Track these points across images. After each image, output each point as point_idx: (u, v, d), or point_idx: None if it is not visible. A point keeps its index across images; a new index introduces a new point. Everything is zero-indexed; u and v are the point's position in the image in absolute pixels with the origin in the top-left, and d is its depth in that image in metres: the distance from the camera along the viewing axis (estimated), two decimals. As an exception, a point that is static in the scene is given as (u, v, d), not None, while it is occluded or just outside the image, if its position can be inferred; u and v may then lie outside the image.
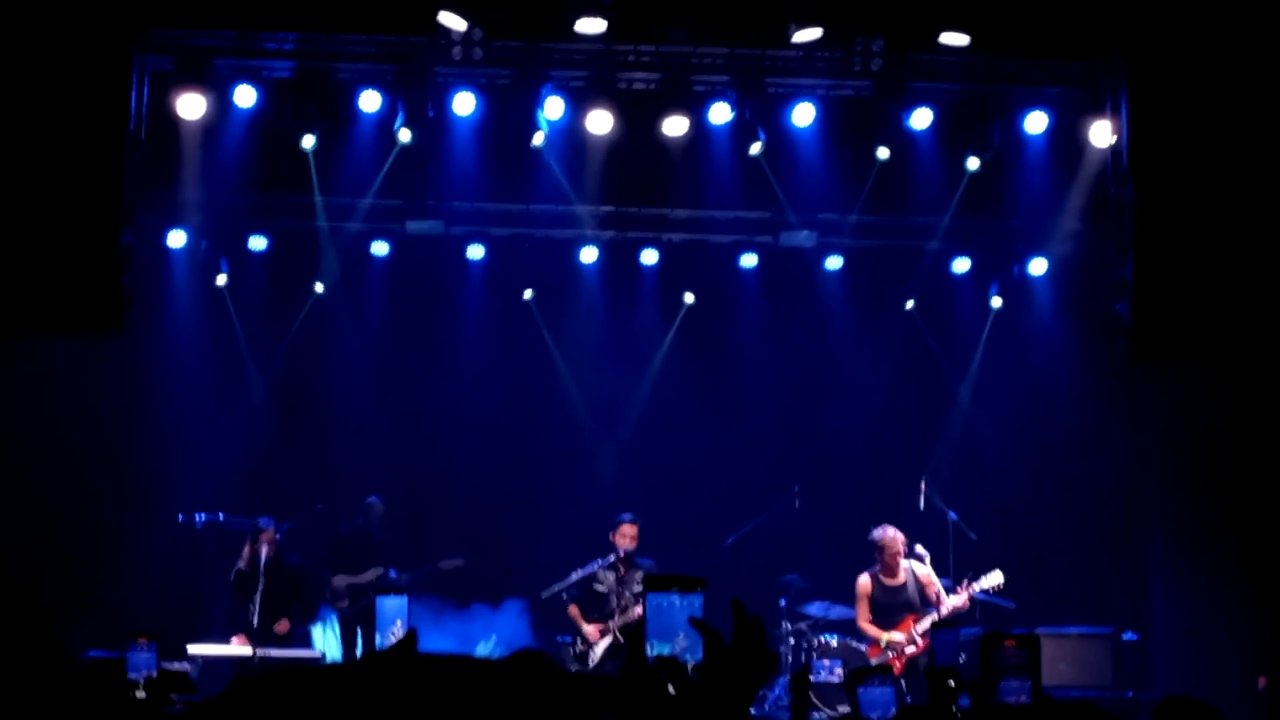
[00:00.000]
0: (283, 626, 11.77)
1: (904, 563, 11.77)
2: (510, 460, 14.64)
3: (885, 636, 11.57)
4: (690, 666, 2.61)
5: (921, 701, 11.12)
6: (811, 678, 11.07)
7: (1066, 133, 12.71)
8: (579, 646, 11.72)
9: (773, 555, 13.22)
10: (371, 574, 12.95)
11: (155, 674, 5.31)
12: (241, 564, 12.01)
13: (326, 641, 13.18)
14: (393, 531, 13.68)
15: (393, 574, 13.02)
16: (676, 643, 2.63)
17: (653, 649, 2.62)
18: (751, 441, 14.64)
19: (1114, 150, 11.18)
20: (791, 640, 12.33)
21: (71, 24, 10.79)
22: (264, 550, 11.83)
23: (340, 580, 12.94)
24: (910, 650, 11.50)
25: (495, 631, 13.80)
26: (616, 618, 11.63)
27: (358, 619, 12.87)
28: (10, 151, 10.56)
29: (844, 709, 10.21)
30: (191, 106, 12.19)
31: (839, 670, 11.25)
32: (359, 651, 12.81)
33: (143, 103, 11.60)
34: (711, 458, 14.60)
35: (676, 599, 2.64)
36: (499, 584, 14.27)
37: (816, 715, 11.07)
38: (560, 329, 14.96)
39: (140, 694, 5.15)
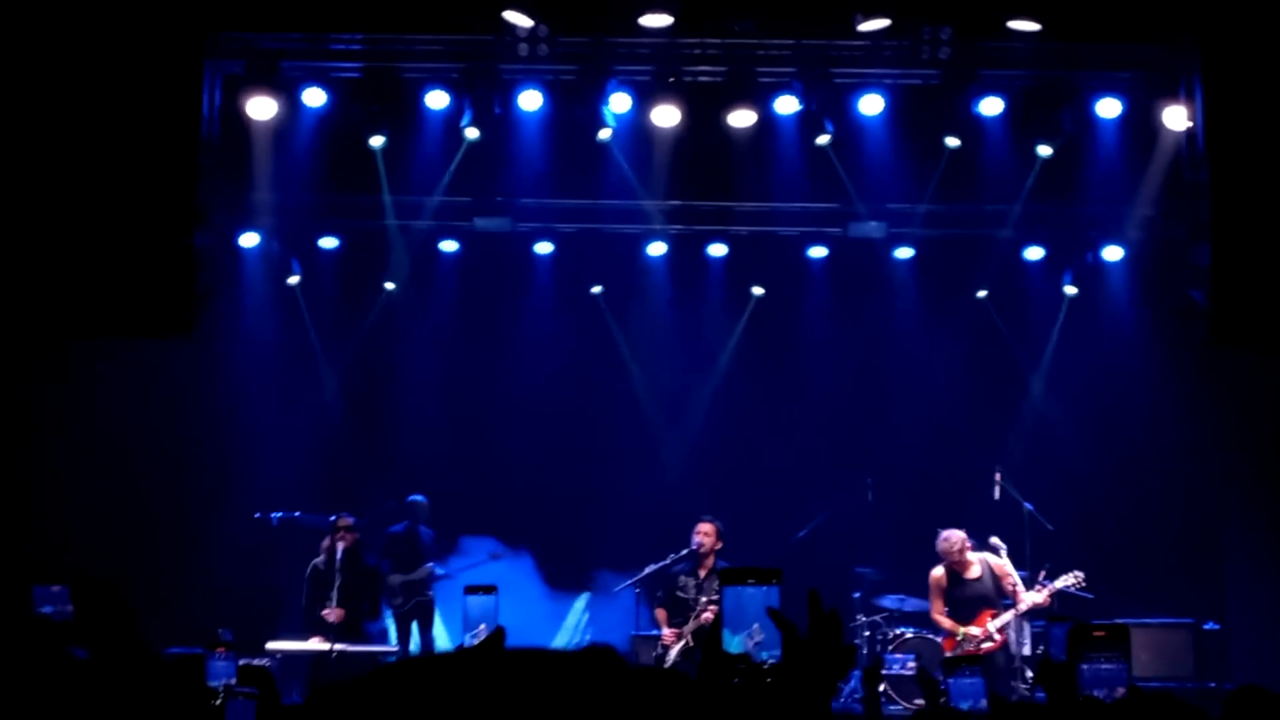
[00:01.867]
0: (335, 615, 11.81)
1: (977, 555, 11.65)
2: (580, 455, 14.66)
3: (961, 631, 11.46)
4: (766, 664, 2.60)
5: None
6: (885, 671, 11.01)
7: (1140, 117, 12.54)
8: (658, 649, 11.76)
9: (846, 548, 13.16)
10: (423, 571, 13.03)
11: (235, 681, 5.38)
12: (319, 560, 12.10)
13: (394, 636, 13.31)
14: (461, 526, 13.79)
15: (439, 570, 13.10)
16: (751, 634, 2.62)
17: (727, 642, 2.61)
18: (822, 434, 14.56)
19: (1189, 134, 11.01)
20: (866, 633, 12.27)
21: (144, 30, 10.91)
22: (340, 545, 11.92)
23: (395, 579, 13.03)
24: (987, 646, 11.37)
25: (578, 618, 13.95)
26: (691, 622, 11.63)
27: (412, 615, 12.98)
28: (87, 157, 10.70)
29: (919, 702, 10.14)
30: (262, 108, 12.31)
31: (912, 664, 11.18)
32: (413, 647, 12.92)
33: (214, 106, 11.72)
34: (782, 450, 14.54)
35: (751, 591, 2.63)
36: (572, 578, 14.35)
37: (891, 709, 11.01)
38: (628, 323, 14.96)
39: (219, 703, 5.21)
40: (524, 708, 0.92)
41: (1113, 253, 14.01)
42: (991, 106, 12.69)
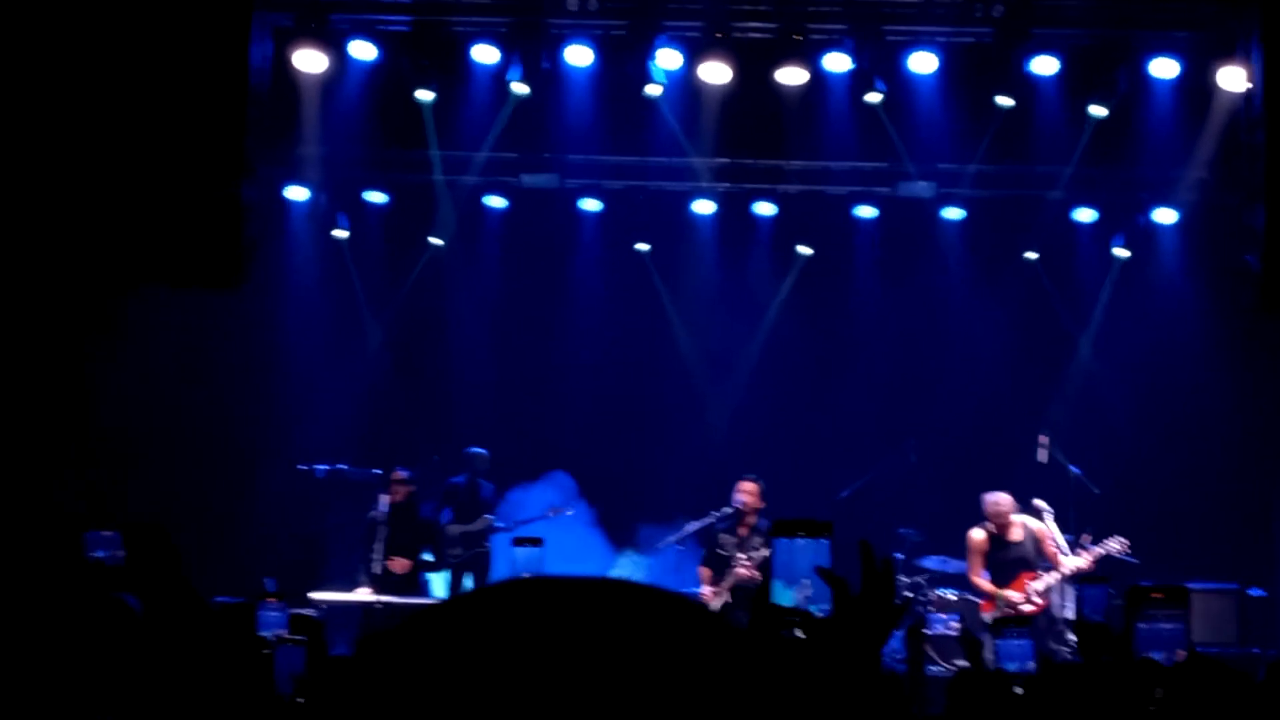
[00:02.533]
0: (400, 565, 11.90)
1: (1019, 518, 11.60)
2: (624, 412, 14.68)
3: (1000, 594, 11.41)
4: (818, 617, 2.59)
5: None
6: (927, 631, 11.00)
7: (1195, 78, 12.36)
8: None
9: (889, 509, 13.14)
10: (482, 523, 13.10)
11: (285, 632, 5.43)
12: (375, 512, 12.21)
13: (437, 588, 13.40)
14: (505, 481, 13.84)
15: (498, 523, 13.16)
16: (801, 588, 2.61)
17: (778, 594, 2.60)
18: (867, 394, 14.51)
19: (1246, 95, 10.83)
20: (908, 594, 12.25)
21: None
22: (387, 498, 12.00)
23: (453, 529, 13.12)
24: (1027, 609, 11.32)
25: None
26: (727, 578, 11.65)
27: (467, 566, 13.06)
28: (137, 108, 10.73)
29: (960, 663, 10.13)
30: (311, 62, 12.32)
31: (954, 624, 11.16)
32: None
33: (264, 58, 11.73)
34: (826, 410, 14.51)
35: (802, 543, 2.62)
36: (614, 535, 14.41)
37: (932, 669, 11.00)
38: (675, 281, 14.94)
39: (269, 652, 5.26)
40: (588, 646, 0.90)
41: (1165, 215, 13.86)
42: (1045, 66, 12.52)
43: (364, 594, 11.69)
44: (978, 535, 11.62)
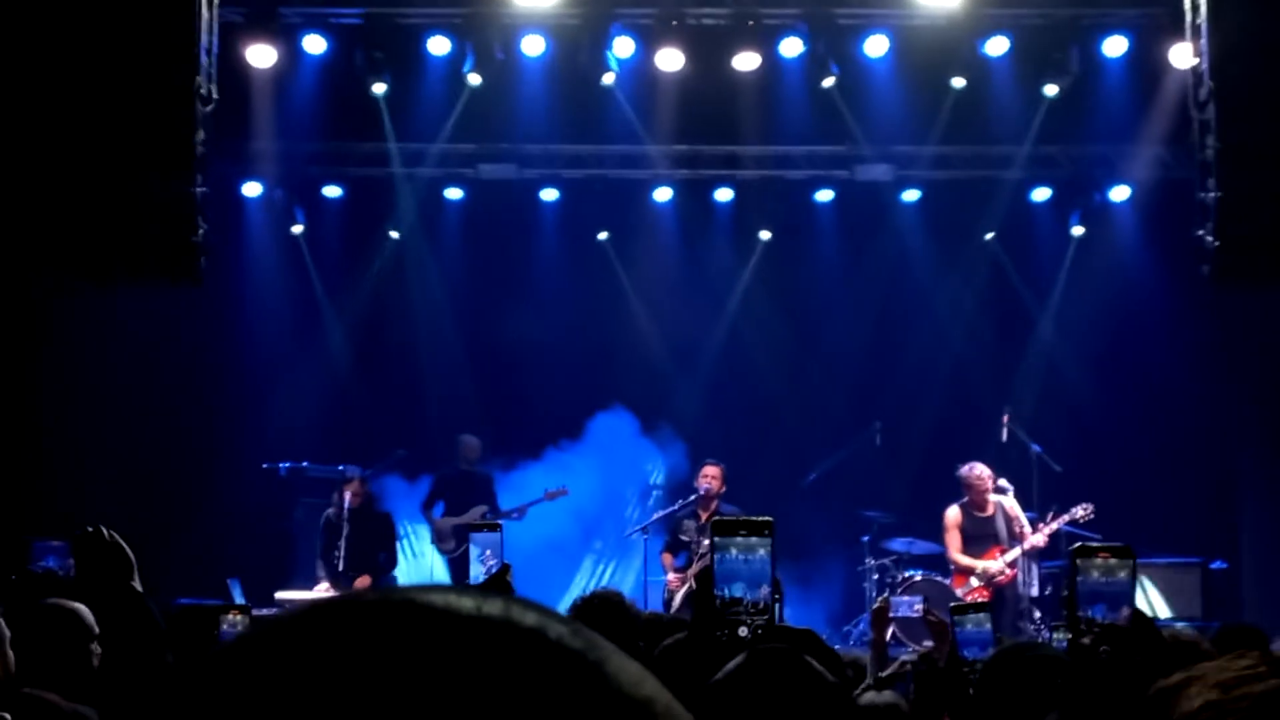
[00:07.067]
0: (362, 582, 11.83)
1: (992, 497, 11.67)
2: (589, 401, 14.65)
3: (981, 565, 11.47)
4: (762, 605, 2.59)
5: (1005, 632, 11.05)
6: (893, 613, 11.01)
7: (1146, 56, 12.44)
8: (664, 594, 11.81)
9: (854, 492, 13.18)
10: (475, 513, 12.90)
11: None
12: (331, 511, 12.09)
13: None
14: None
15: (489, 514, 13.04)
16: (745, 585, 2.61)
17: (724, 591, 2.61)
18: (831, 378, 14.55)
19: (1195, 72, 10.88)
20: (875, 576, 12.30)
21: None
22: (347, 498, 11.91)
23: (445, 522, 12.95)
24: (1000, 579, 11.43)
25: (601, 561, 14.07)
26: (694, 565, 11.66)
27: (465, 560, 12.79)
28: (83, 106, 10.63)
29: (928, 644, 10.15)
30: (261, 56, 12.24)
31: (919, 606, 11.17)
32: None
33: (213, 54, 11.65)
34: (791, 395, 14.54)
35: (743, 541, 2.63)
36: (583, 522, 14.40)
37: (900, 650, 11.03)
38: (635, 269, 14.91)
39: None
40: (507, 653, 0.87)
41: (1120, 193, 13.93)
42: (997, 46, 12.57)
43: (325, 591, 11.62)
44: (953, 512, 11.69)
